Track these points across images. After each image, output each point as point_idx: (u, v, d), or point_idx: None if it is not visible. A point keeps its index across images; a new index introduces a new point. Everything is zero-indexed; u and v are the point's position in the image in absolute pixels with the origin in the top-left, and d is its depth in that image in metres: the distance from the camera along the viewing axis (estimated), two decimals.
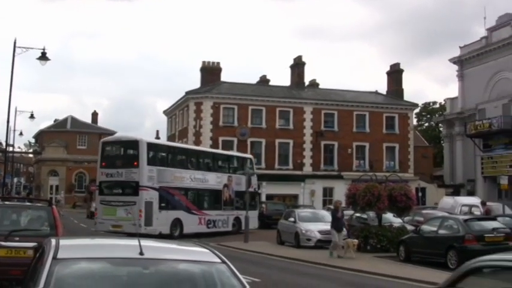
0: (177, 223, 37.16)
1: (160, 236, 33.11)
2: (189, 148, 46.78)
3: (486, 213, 33.03)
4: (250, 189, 41.18)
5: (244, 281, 5.59)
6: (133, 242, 5.90)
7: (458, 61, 67.23)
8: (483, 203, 35.64)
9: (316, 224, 32.64)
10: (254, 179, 44.52)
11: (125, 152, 38.92)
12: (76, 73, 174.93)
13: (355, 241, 26.66)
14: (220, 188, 42.17)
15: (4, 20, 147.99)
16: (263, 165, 62.16)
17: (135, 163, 36.13)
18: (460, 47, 67.69)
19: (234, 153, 52.08)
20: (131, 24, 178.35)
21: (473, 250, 21.79)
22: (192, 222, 38.98)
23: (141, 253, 5.59)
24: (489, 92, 61.86)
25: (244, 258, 26.79)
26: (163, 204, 36.73)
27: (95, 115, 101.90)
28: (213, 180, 41.59)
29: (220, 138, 62.18)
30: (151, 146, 38.42)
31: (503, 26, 60.70)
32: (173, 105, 72.55)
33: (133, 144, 37.41)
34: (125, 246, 6.19)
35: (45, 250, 5.83)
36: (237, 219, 42.36)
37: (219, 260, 5.84)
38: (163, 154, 39.88)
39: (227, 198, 42.89)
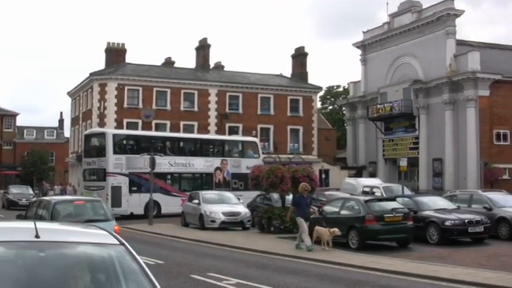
0: (153, 204, 39.82)
1: (133, 216, 39.01)
2: (167, 136, 50.74)
3: None
4: None
5: (142, 262, 5.53)
6: (30, 224, 5.74)
7: (361, 46, 68.32)
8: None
9: (220, 205, 32.80)
10: (260, 161, 47.05)
11: (97, 143, 44.29)
12: None
13: (336, 230, 22.20)
14: (210, 171, 46.01)
15: None
16: None
17: (104, 152, 41.80)
18: (364, 32, 68.81)
19: (230, 137, 54.75)
20: (40, 5, 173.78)
21: (373, 230, 22.39)
22: (172, 204, 42.32)
23: (36, 236, 5.44)
24: (390, 76, 63.21)
25: (148, 241, 26.79)
26: (134, 188, 41.47)
27: None
28: (200, 164, 45.72)
29: (125, 120, 61.41)
30: (118, 137, 44.21)
31: (404, 12, 61.99)
32: (77, 86, 70.93)
33: (102, 135, 43.56)
34: (20, 229, 6.01)
35: None
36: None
37: (117, 242, 5.74)
38: (134, 143, 45.09)
39: (220, 180, 46.25)
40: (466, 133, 53.84)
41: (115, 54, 67.46)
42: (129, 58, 68.54)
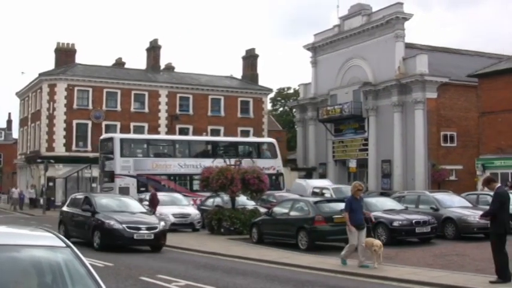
0: None
1: None
2: (176, 139, 52.17)
3: None
4: (273, 171, 47.40)
5: (89, 265, 5.51)
6: None
7: (312, 48, 68.70)
8: None
9: (170, 207, 32.66)
10: (278, 161, 49.82)
11: (107, 147, 46.13)
12: None
13: (377, 242, 18.18)
14: None
15: None
16: None
17: (112, 156, 44.27)
18: (314, 35, 69.20)
19: (246, 139, 57.20)
20: None
21: (322, 230, 22.54)
22: None
23: None
24: (341, 78, 63.73)
25: None
26: (142, 189, 42.27)
27: None
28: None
29: (75, 122, 60.92)
30: (126, 141, 46.45)
31: (355, 15, 62.58)
32: (26, 86, 69.91)
33: (110, 140, 45.86)
34: None
35: None
36: None
37: (63, 244, 5.69)
38: (142, 146, 47.17)
39: None
40: (414, 135, 54.60)
41: (65, 54, 66.86)
42: (79, 58, 68.00)
